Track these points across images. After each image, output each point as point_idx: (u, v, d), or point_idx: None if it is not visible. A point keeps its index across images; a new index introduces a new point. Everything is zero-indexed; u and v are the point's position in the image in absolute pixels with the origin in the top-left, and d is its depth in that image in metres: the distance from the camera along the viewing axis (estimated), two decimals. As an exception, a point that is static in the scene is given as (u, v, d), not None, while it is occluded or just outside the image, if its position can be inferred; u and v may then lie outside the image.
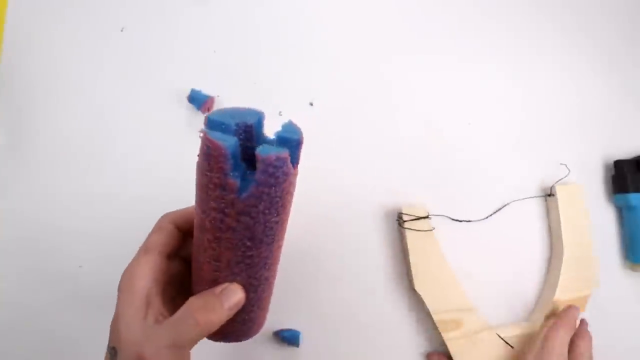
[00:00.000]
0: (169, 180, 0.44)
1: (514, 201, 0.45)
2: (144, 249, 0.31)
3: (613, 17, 0.51)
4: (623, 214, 0.48)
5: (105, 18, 0.46)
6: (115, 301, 0.42)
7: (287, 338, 0.40)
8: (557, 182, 0.44)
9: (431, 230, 0.41)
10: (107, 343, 0.34)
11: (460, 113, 0.47)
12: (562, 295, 0.42)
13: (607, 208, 0.48)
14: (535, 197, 0.45)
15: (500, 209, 0.45)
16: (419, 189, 0.45)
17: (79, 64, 0.45)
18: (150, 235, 0.32)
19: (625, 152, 0.49)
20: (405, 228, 0.40)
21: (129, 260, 0.43)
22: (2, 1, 0.46)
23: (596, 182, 0.48)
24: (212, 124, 0.25)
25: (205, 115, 0.30)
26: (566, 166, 0.45)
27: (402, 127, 0.46)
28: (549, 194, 0.44)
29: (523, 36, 0.49)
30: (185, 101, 0.44)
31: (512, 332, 0.41)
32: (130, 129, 0.44)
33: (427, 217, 0.41)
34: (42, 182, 0.43)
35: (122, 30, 0.46)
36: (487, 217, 0.44)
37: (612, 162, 0.48)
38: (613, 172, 0.48)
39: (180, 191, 0.43)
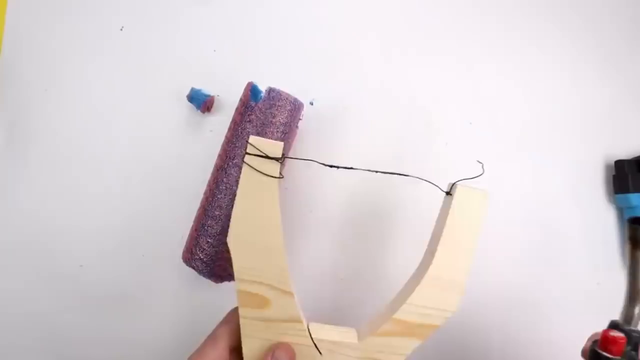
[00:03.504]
0: (169, 179, 0.44)
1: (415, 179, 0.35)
2: (212, 339, 0.31)
3: (614, 16, 0.51)
4: (624, 214, 0.48)
5: (104, 17, 0.46)
6: (115, 300, 0.43)
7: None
8: (461, 180, 0.34)
9: (277, 177, 0.31)
10: (106, 341, 0.34)
11: (461, 112, 0.47)
12: (404, 316, 0.32)
13: (607, 208, 0.48)
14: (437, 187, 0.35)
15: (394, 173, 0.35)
16: (419, 189, 0.45)
17: (79, 64, 0.45)
18: (218, 326, 0.33)
19: (626, 152, 0.49)
20: (245, 163, 0.30)
21: (129, 260, 0.43)
22: (2, 1, 0.46)
23: (597, 182, 0.48)
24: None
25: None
26: (482, 166, 0.36)
27: (402, 127, 0.46)
28: (447, 192, 0.34)
29: (524, 36, 0.49)
30: (185, 100, 0.44)
31: (328, 336, 0.32)
32: (130, 128, 0.44)
33: (280, 159, 0.31)
34: (42, 182, 0.43)
35: (121, 30, 0.46)
36: (376, 172, 0.35)
37: (612, 162, 0.48)
38: (614, 172, 0.48)
39: (180, 190, 0.43)
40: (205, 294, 0.42)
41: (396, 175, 0.35)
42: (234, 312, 0.33)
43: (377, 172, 0.35)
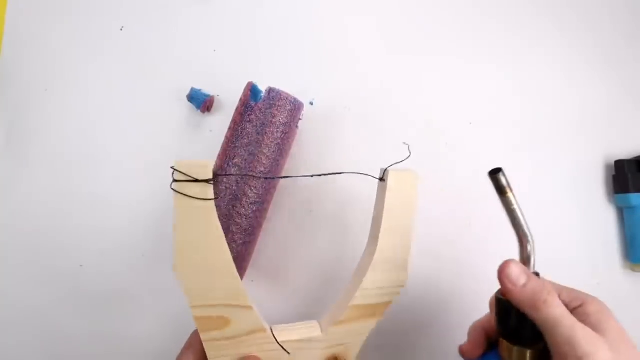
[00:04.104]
0: (169, 179, 0.44)
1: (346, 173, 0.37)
2: None
3: (614, 16, 0.51)
4: (624, 214, 0.48)
5: (104, 17, 0.46)
6: (115, 300, 0.43)
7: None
8: (393, 165, 0.35)
9: (210, 199, 0.30)
10: (107, 341, 0.34)
11: (461, 112, 0.47)
12: (360, 301, 0.34)
13: (607, 208, 0.48)
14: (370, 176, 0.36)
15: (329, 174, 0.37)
16: (419, 188, 0.45)
17: (79, 63, 0.45)
18: (182, 352, 0.32)
19: (626, 152, 0.49)
20: (175, 191, 0.29)
21: (130, 260, 0.43)
22: (2, 1, 0.46)
23: (597, 182, 0.48)
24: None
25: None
26: (408, 148, 0.37)
27: (402, 127, 0.46)
28: (380, 178, 0.35)
29: (524, 36, 0.49)
30: (185, 100, 0.44)
31: (293, 336, 0.33)
32: (130, 128, 0.44)
33: (210, 180, 0.30)
34: (41, 181, 0.43)
35: (121, 29, 0.46)
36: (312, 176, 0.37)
37: (612, 162, 0.48)
38: (614, 172, 0.48)
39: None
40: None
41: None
42: (196, 334, 0.32)
43: (312, 176, 0.37)
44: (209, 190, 0.30)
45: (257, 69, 0.45)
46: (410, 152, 0.37)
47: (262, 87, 0.39)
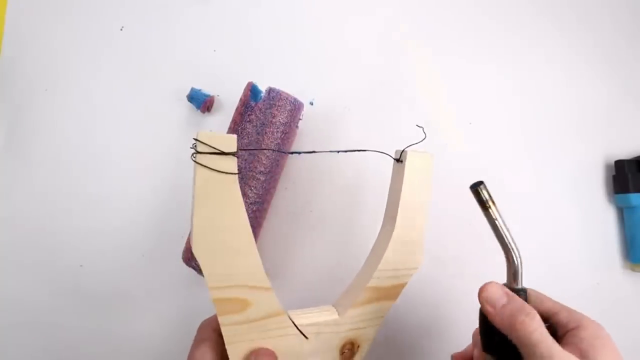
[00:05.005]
0: (169, 179, 0.44)
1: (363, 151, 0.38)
2: None
3: (614, 17, 0.51)
4: (624, 214, 0.48)
5: (104, 17, 0.46)
6: (115, 300, 0.43)
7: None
8: (409, 146, 0.35)
9: (234, 174, 0.28)
10: (107, 342, 0.33)
11: (461, 112, 0.47)
12: (378, 282, 0.34)
13: (607, 208, 0.48)
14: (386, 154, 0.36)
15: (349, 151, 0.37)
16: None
17: (79, 63, 0.45)
18: (195, 347, 0.31)
19: (626, 152, 0.49)
20: (198, 163, 0.27)
21: (130, 260, 0.43)
22: (2, 1, 0.46)
23: (597, 182, 0.48)
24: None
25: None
26: (423, 129, 0.38)
27: (401, 127, 0.46)
28: (397, 159, 0.36)
29: (524, 36, 0.49)
30: (185, 100, 0.44)
31: (310, 320, 0.32)
32: (130, 128, 0.44)
33: (235, 153, 0.28)
34: (42, 181, 0.43)
35: (121, 29, 0.46)
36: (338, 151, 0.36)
37: (612, 162, 0.48)
38: (614, 172, 0.48)
39: (180, 190, 0.43)
40: (205, 294, 0.42)
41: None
42: (206, 327, 0.32)
43: (338, 152, 0.37)
44: (233, 164, 0.28)
45: (257, 69, 0.45)
46: (425, 134, 0.37)
47: (262, 87, 0.39)
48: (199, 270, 0.37)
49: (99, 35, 0.46)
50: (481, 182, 0.29)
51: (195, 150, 0.27)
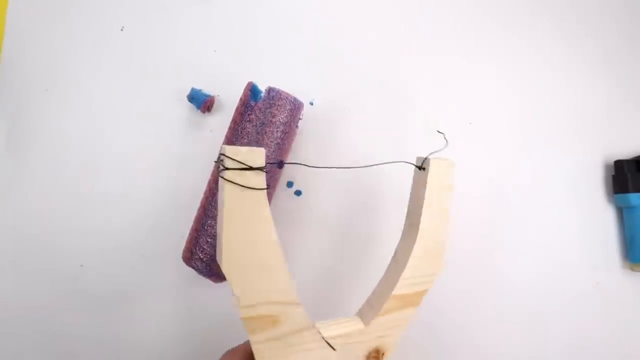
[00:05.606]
0: (169, 179, 0.44)
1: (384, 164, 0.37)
2: None
3: (613, 17, 0.51)
4: (623, 214, 0.48)
5: (105, 17, 0.46)
6: (115, 300, 0.43)
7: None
8: (432, 154, 0.35)
9: (262, 189, 0.28)
10: (107, 341, 0.33)
11: (461, 112, 0.47)
12: (403, 290, 0.34)
13: (607, 208, 0.48)
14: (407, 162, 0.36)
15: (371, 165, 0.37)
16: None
17: (79, 64, 0.45)
18: None
19: (626, 152, 0.49)
20: (226, 179, 0.26)
21: (130, 260, 0.43)
22: (2, 1, 0.46)
23: (596, 182, 0.48)
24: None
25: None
26: (444, 136, 0.38)
27: (401, 127, 0.46)
28: (419, 167, 0.36)
29: (523, 36, 0.49)
30: (185, 100, 0.44)
31: (337, 331, 0.32)
32: (130, 128, 0.44)
33: (262, 168, 0.27)
34: (42, 182, 0.43)
35: (122, 30, 0.46)
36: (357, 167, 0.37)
37: (612, 162, 0.48)
38: (613, 172, 0.48)
39: (180, 190, 0.43)
40: (205, 294, 0.42)
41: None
42: (234, 355, 0.31)
43: (359, 167, 0.37)
44: (261, 178, 0.28)
45: (257, 69, 0.46)
46: (447, 141, 0.37)
47: (262, 87, 0.39)
48: (199, 270, 0.37)
49: (99, 35, 0.46)
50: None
51: (223, 167, 0.26)
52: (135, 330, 0.42)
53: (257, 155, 0.27)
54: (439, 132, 0.39)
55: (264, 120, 0.38)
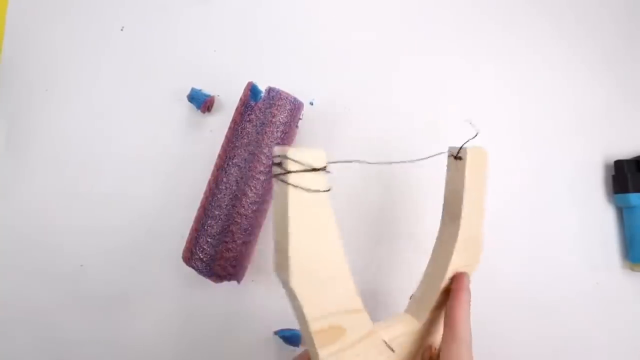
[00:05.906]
0: (169, 179, 0.44)
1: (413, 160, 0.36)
2: None
3: (612, 17, 0.51)
4: (623, 214, 0.48)
5: (105, 17, 0.46)
6: (115, 300, 0.43)
7: (288, 338, 0.40)
8: (466, 142, 0.35)
9: (326, 190, 0.25)
10: (107, 341, 0.33)
11: (460, 112, 0.47)
12: (449, 283, 0.34)
13: (607, 208, 0.48)
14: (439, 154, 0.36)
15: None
16: (419, 183, 0.45)
17: (79, 64, 0.45)
18: None
19: (626, 151, 0.49)
20: (290, 184, 0.24)
21: (129, 260, 0.43)
22: (2, 1, 0.46)
23: (596, 182, 0.48)
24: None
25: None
26: (470, 123, 0.38)
27: (402, 127, 0.46)
28: (455, 156, 0.35)
29: (523, 37, 0.49)
30: (185, 100, 0.44)
31: (395, 332, 0.31)
32: (130, 128, 0.44)
33: (324, 168, 0.25)
34: (42, 181, 0.43)
35: (122, 30, 0.46)
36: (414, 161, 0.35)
37: (612, 162, 0.48)
38: (613, 172, 0.48)
39: (180, 190, 0.44)
40: (205, 294, 0.42)
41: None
42: None
43: (391, 163, 0.37)
44: (324, 180, 0.25)
45: (257, 69, 0.46)
46: (477, 131, 0.36)
47: (262, 87, 0.39)
48: (199, 270, 0.37)
49: (99, 35, 0.46)
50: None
51: (286, 170, 0.24)
52: (135, 330, 0.42)
53: (319, 156, 0.25)
54: (466, 121, 0.38)
55: (264, 120, 0.38)
